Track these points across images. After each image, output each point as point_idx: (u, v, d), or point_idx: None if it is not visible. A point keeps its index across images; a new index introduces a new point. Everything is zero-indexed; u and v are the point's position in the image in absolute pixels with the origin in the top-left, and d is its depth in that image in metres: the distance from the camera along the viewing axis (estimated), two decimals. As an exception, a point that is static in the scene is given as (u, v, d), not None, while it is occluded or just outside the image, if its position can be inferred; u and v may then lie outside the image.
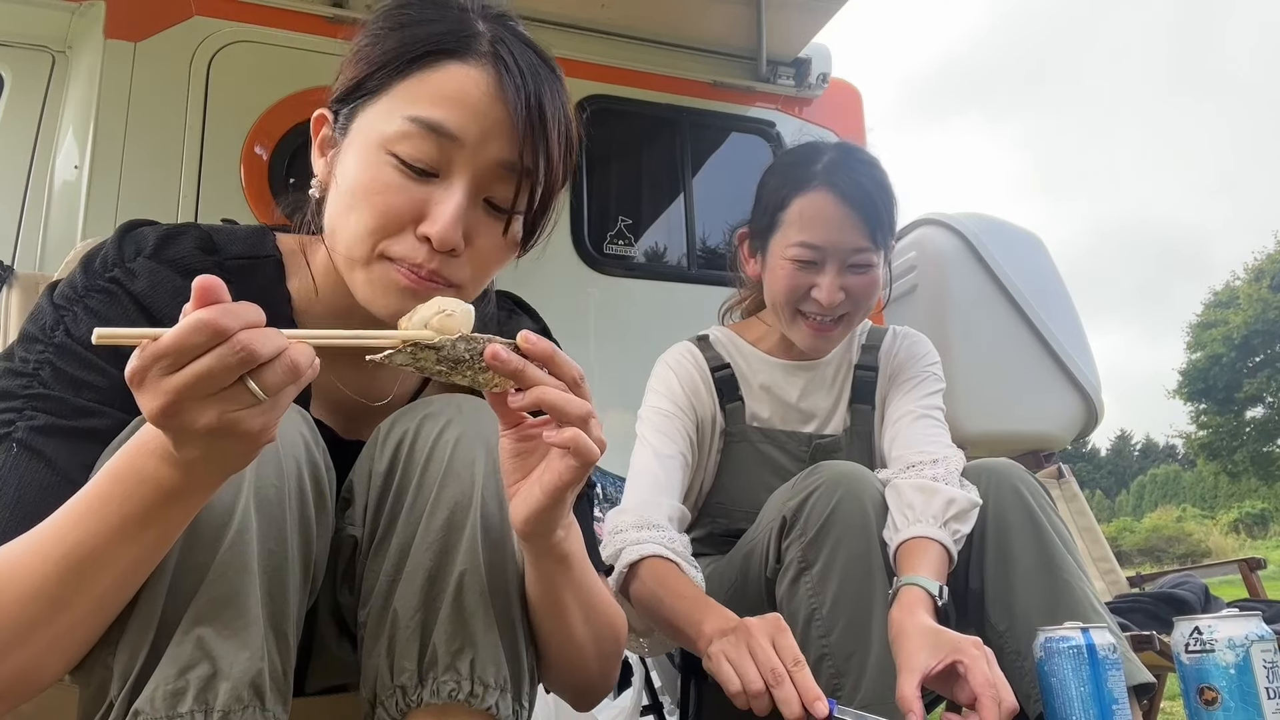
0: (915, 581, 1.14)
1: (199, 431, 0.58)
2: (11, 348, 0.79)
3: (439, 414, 0.81)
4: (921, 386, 1.47)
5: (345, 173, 0.84)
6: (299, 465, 0.74)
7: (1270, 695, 1.00)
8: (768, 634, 1.01)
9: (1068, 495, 3.09)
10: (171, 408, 0.57)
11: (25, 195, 2.40)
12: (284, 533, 0.72)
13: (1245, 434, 30.37)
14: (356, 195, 0.82)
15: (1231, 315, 30.04)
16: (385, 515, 0.80)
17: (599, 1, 2.91)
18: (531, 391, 0.70)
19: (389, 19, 0.87)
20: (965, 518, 1.24)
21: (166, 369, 0.56)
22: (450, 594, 0.76)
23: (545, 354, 0.71)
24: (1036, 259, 3.71)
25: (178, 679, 0.65)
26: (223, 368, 0.56)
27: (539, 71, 0.86)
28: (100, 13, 2.43)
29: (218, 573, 0.67)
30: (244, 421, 0.58)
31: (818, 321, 1.40)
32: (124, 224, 0.87)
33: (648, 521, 1.26)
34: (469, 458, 0.79)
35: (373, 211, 0.81)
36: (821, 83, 3.26)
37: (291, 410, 0.75)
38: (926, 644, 1.04)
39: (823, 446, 1.47)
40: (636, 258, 3.02)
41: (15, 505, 0.71)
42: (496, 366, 0.69)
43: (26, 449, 0.74)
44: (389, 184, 0.81)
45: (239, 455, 0.61)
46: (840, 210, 1.37)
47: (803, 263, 1.39)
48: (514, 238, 0.88)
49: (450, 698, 0.74)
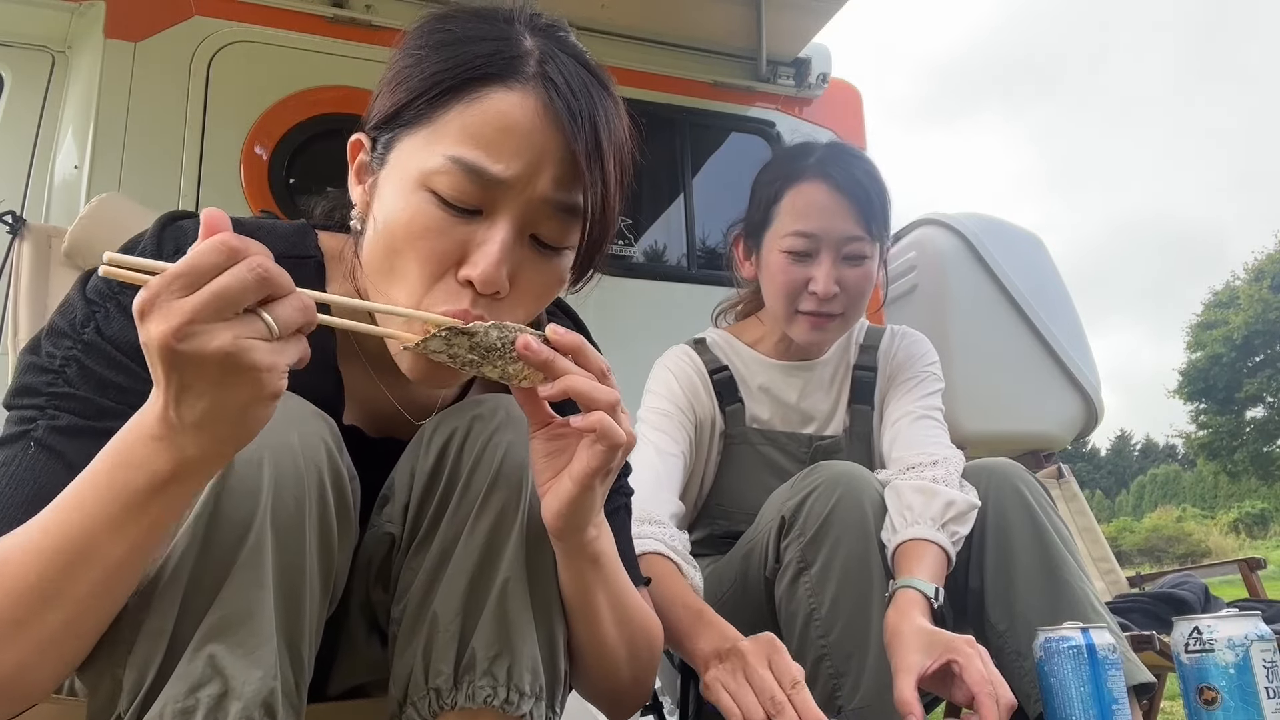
0: (911, 584, 1.14)
1: (210, 358, 0.55)
2: (38, 340, 0.76)
3: (490, 416, 0.79)
4: (921, 387, 1.47)
5: (384, 208, 0.78)
6: (320, 473, 0.72)
7: (1270, 695, 1.00)
8: (764, 656, 1.00)
9: (1068, 495, 3.09)
10: (184, 329, 0.54)
11: (25, 195, 2.40)
12: (303, 544, 0.70)
13: (1245, 434, 30.36)
14: (396, 237, 0.76)
15: (1231, 315, 30.03)
16: (429, 514, 0.78)
17: (599, 1, 2.91)
18: (560, 380, 0.70)
19: (430, 35, 0.81)
20: (964, 520, 1.24)
21: (181, 290, 0.55)
22: (493, 599, 0.75)
23: (573, 346, 0.71)
24: (1036, 259, 3.71)
25: (187, 697, 0.63)
26: (240, 285, 0.55)
27: (591, 91, 0.80)
28: (100, 13, 2.43)
29: (231, 588, 0.66)
30: (256, 351, 0.56)
31: (815, 316, 1.40)
32: (164, 216, 0.83)
33: (649, 516, 1.26)
34: (519, 462, 0.77)
35: (414, 254, 0.76)
36: (821, 83, 3.26)
37: (314, 416, 0.75)
38: (920, 645, 1.05)
39: (823, 448, 1.47)
40: (636, 258, 3.02)
41: (30, 504, 0.69)
42: (527, 356, 0.69)
43: (45, 448, 0.72)
44: (429, 226, 0.75)
45: (245, 409, 0.58)
46: (833, 198, 1.38)
47: (797, 254, 1.39)
48: (562, 273, 0.82)
49: (485, 703, 0.73)
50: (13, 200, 2.38)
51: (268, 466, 0.68)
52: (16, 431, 0.73)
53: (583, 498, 0.72)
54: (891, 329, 1.55)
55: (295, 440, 0.71)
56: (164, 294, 0.55)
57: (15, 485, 0.71)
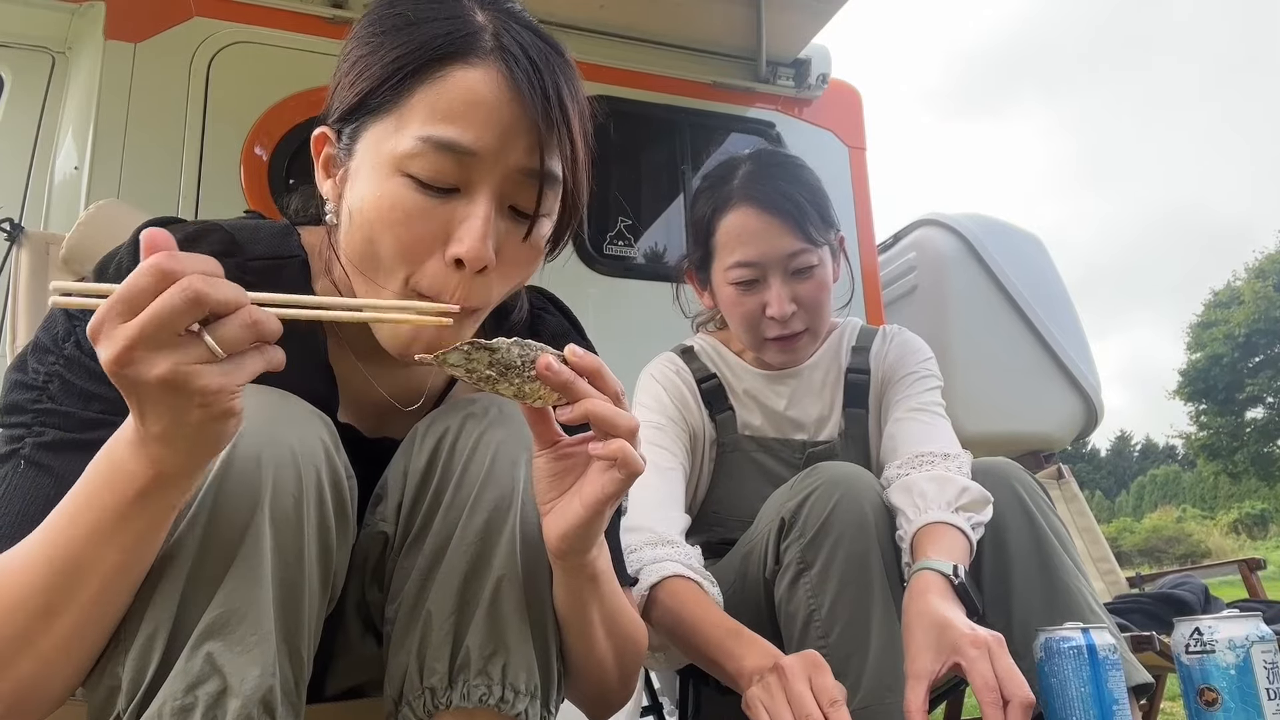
0: (926, 565, 1.12)
1: (153, 385, 0.56)
2: (24, 356, 0.78)
3: (482, 414, 0.79)
4: (920, 384, 1.46)
5: (359, 197, 0.79)
6: (319, 473, 0.72)
7: (1270, 696, 1.00)
8: (805, 675, 1.00)
9: (1067, 496, 3.09)
10: (125, 355, 0.55)
11: (25, 195, 2.40)
12: (301, 543, 0.70)
13: (1246, 434, 30.35)
14: (376, 225, 0.77)
15: (1232, 315, 30.01)
16: (421, 513, 0.78)
17: (598, 2, 2.91)
18: (581, 404, 0.69)
19: (383, 21, 0.82)
20: (980, 508, 1.22)
21: (120, 317, 0.56)
22: (487, 597, 0.75)
23: (592, 369, 0.70)
24: (1036, 259, 3.72)
25: (186, 694, 0.63)
26: (170, 310, 0.55)
27: (550, 59, 0.80)
28: (100, 13, 2.43)
29: (230, 586, 0.66)
30: (198, 377, 0.56)
31: (781, 338, 1.40)
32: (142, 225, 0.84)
33: (662, 538, 1.25)
34: (511, 460, 0.78)
35: (397, 241, 0.77)
36: (821, 83, 3.26)
37: (313, 417, 0.75)
38: (930, 645, 1.03)
39: (817, 454, 1.45)
40: (636, 258, 3.02)
41: (20, 519, 0.71)
42: (547, 377, 0.68)
43: (34, 465, 0.74)
44: (409, 209, 0.76)
45: (201, 428, 0.59)
46: (763, 219, 1.36)
47: (745, 284, 1.38)
48: (540, 242, 0.83)
49: (480, 702, 0.73)
50: (13, 200, 2.38)
51: (266, 466, 0.69)
52: (6, 451, 0.75)
53: (593, 522, 0.72)
54: (883, 330, 1.54)
55: (294, 440, 0.71)
56: (108, 320, 0.56)
57: (5, 503, 0.73)
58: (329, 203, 0.84)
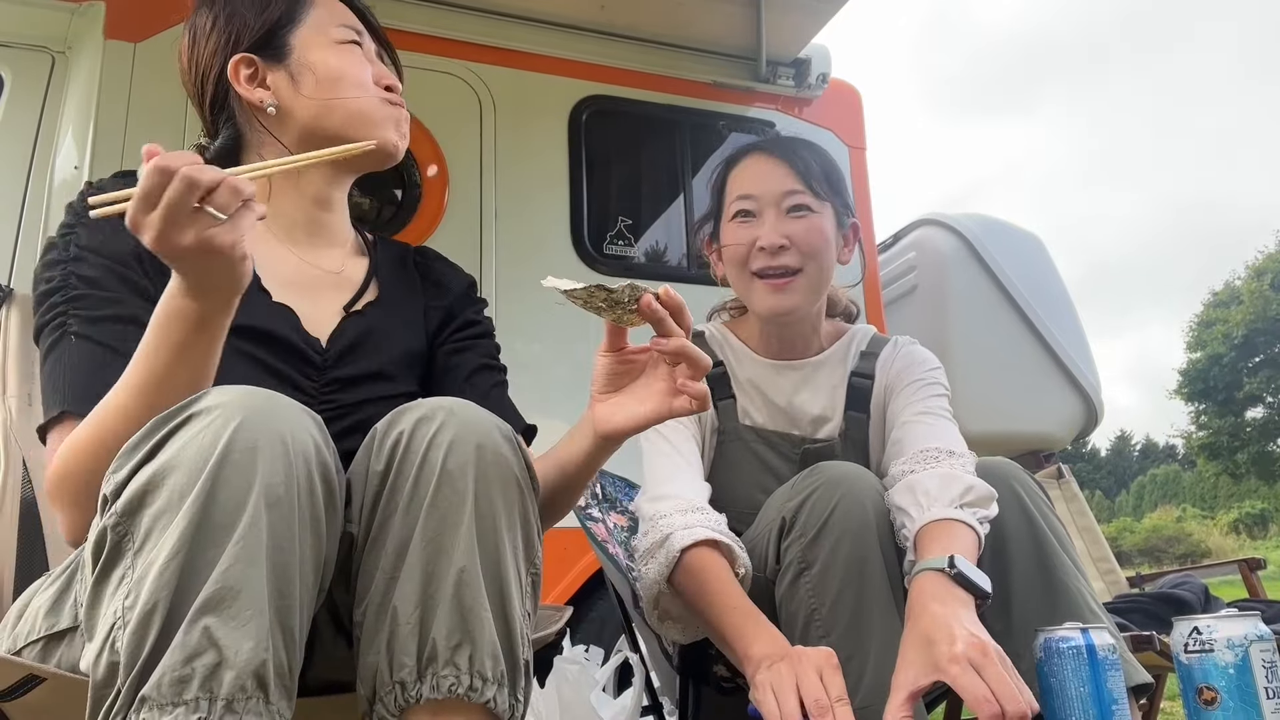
0: (923, 566, 1.11)
1: (187, 250, 0.77)
2: (39, 273, 1.00)
3: (432, 417, 0.84)
4: (927, 389, 1.45)
5: (322, 68, 1.09)
6: (309, 465, 0.76)
7: (1269, 695, 1.00)
8: (816, 667, 1.00)
9: (1067, 495, 3.09)
10: (161, 236, 0.76)
11: (25, 195, 2.40)
12: (293, 530, 0.74)
13: (1246, 434, 30.34)
14: (346, 76, 1.10)
15: (1231, 314, 30.00)
16: (380, 513, 0.82)
17: (598, 2, 2.91)
18: (674, 341, 0.90)
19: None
20: (986, 504, 1.21)
21: (146, 209, 0.76)
22: (449, 590, 0.78)
23: (677, 306, 0.91)
24: (1036, 259, 3.72)
25: (183, 666, 0.67)
26: (178, 197, 0.75)
27: None
28: (100, 13, 2.44)
29: (226, 564, 0.70)
30: (215, 237, 0.77)
31: (771, 278, 1.40)
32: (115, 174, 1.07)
33: (692, 504, 1.26)
34: (462, 459, 0.82)
35: (363, 82, 1.11)
36: (821, 83, 3.27)
37: (303, 413, 0.79)
38: (915, 660, 1.02)
39: (814, 451, 1.45)
40: (636, 258, 3.03)
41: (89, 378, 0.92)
42: (648, 314, 0.89)
43: (81, 337, 0.95)
44: (363, 59, 1.13)
45: (225, 271, 0.80)
46: (770, 162, 1.44)
47: (743, 215, 1.43)
48: None
49: (450, 692, 0.76)
50: (12, 201, 2.38)
51: (262, 454, 0.73)
52: (55, 336, 0.96)
53: (647, 425, 0.94)
54: (895, 339, 1.53)
55: (286, 433, 0.75)
56: (139, 214, 0.77)
57: (74, 370, 0.94)
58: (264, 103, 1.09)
